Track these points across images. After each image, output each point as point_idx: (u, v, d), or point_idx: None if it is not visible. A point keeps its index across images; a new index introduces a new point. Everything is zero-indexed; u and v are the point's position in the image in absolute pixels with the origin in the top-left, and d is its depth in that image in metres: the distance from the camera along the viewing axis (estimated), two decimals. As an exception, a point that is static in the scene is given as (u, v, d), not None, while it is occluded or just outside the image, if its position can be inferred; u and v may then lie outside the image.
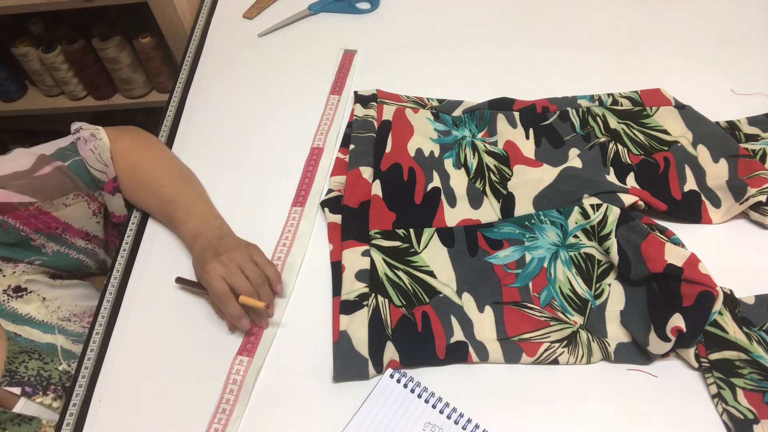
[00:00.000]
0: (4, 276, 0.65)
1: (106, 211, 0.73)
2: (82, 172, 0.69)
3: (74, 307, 0.71)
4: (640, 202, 0.69)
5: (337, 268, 0.68)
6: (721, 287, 0.59)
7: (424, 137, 0.78)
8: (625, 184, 0.71)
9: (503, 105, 0.81)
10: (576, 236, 0.68)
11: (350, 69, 0.90)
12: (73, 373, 0.64)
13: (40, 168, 0.66)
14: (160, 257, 0.72)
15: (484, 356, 0.61)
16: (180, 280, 0.67)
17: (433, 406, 0.58)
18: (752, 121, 0.78)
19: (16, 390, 0.61)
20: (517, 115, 0.80)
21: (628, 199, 0.68)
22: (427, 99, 0.85)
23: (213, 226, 0.67)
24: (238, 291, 0.61)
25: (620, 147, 0.76)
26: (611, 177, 0.72)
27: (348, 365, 0.60)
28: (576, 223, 0.68)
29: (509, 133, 0.78)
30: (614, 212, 0.66)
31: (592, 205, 0.68)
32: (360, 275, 0.65)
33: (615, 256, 0.64)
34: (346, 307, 0.63)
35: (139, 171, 0.71)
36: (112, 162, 0.71)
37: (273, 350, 0.63)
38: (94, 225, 0.72)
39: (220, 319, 0.66)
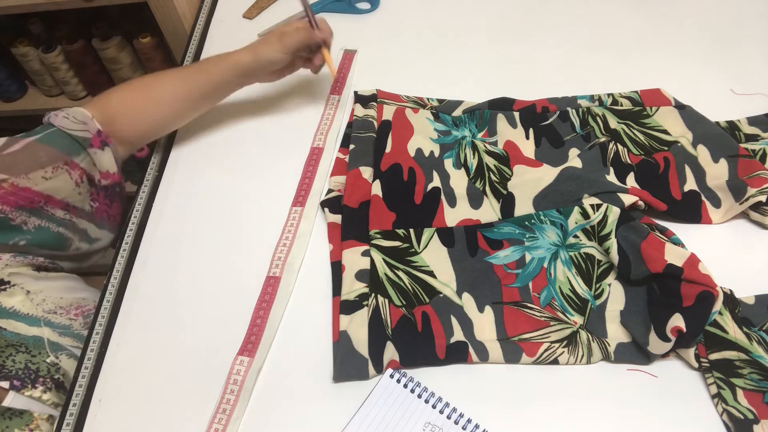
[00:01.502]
0: None
1: (90, 182, 0.72)
2: (58, 140, 0.68)
3: (60, 300, 0.70)
4: (640, 202, 0.69)
5: (337, 268, 0.68)
6: (721, 287, 0.59)
7: (424, 137, 0.78)
8: (625, 184, 0.71)
9: (503, 105, 0.81)
10: (576, 236, 0.68)
11: (350, 69, 0.90)
12: (73, 373, 0.64)
13: (8, 147, 0.65)
14: (160, 257, 0.72)
15: (484, 356, 0.61)
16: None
17: (433, 406, 0.58)
18: (752, 121, 0.78)
19: (5, 384, 0.61)
20: (517, 115, 0.80)
21: (628, 199, 0.68)
22: (427, 99, 0.85)
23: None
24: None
25: (620, 147, 0.76)
26: (611, 177, 0.72)
27: (348, 365, 0.60)
28: (576, 223, 0.68)
29: (509, 133, 0.78)
30: (614, 212, 0.66)
31: (592, 205, 0.68)
32: (360, 275, 0.65)
33: (615, 256, 0.64)
34: (346, 307, 0.63)
35: (140, 90, 0.74)
36: (101, 108, 0.71)
37: (273, 350, 0.63)
38: (76, 196, 0.70)
39: (221, 319, 0.65)
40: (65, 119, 0.69)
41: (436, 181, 0.74)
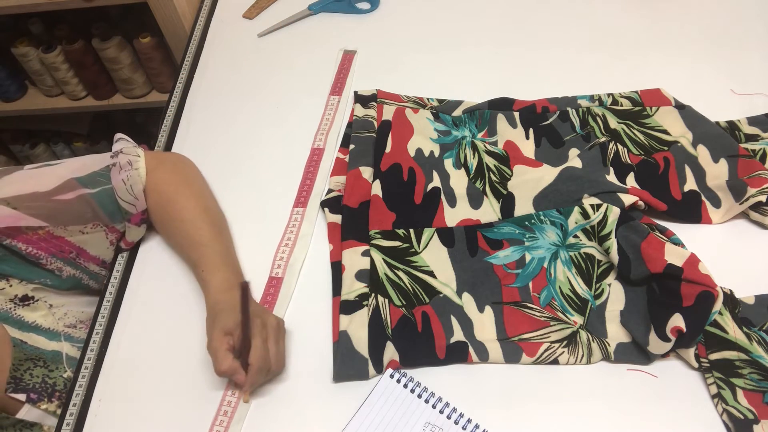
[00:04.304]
0: (11, 286, 0.64)
1: (119, 241, 0.71)
2: (108, 202, 0.66)
3: (81, 314, 0.70)
4: (640, 202, 0.69)
5: (337, 268, 0.68)
6: (721, 287, 0.59)
7: (424, 137, 0.78)
8: (625, 184, 0.71)
9: (503, 105, 0.81)
10: (576, 236, 0.68)
11: (350, 69, 0.90)
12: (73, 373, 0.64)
13: (62, 192, 0.64)
14: (160, 257, 0.72)
15: (484, 356, 0.61)
16: (245, 288, 0.60)
17: (433, 406, 0.58)
18: (752, 121, 0.78)
19: (21, 396, 0.61)
20: (517, 115, 0.80)
21: (628, 199, 0.68)
22: (427, 99, 0.85)
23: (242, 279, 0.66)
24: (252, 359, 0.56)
25: (620, 147, 0.76)
26: (611, 177, 0.72)
27: (348, 365, 0.60)
28: (576, 223, 0.68)
29: (509, 133, 0.78)
30: (614, 212, 0.66)
31: (592, 205, 0.68)
32: (360, 275, 0.65)
33: (615, 256, 0.64)
34: (346, 307, 0.63)
35: (173, 207, 0.68)
36: (145, 194, 0.68)
37: (273, 350, 0.63)
38: (110, 254, 0.70)
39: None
40: (122, 184, 0.66)
41: (436, 181, 0.74)
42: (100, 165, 0.67)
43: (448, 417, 0.57)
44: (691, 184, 0.72)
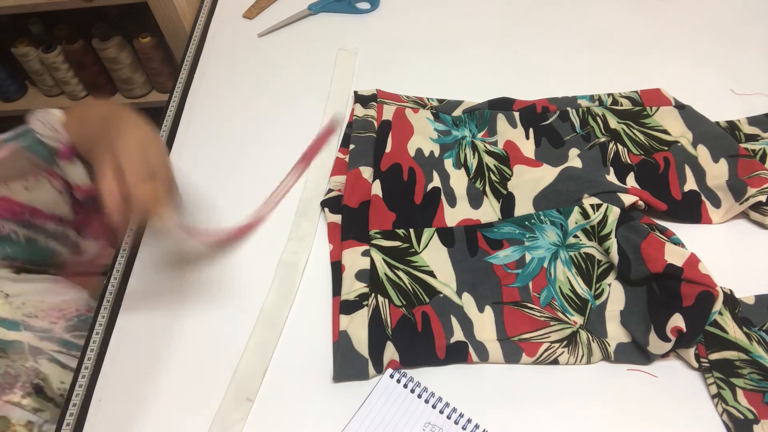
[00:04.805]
0: None
1: (69, 191, 0.70)
2: (39, 147, 0.66)
3: (41, 303, 0.68)
4: (640, 202, 0.69)
5: (337, 268, 0.68)
6: (721, 287, 0.59)
7: (424, 137, 0.78)
8: (625, 184, 0.71)
9: (503, 105, 0.81)
10: (576, 236, 0.68)
11: (350, 69, 0.90)
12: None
13: None
14: (160, 256, 0.71)
15: (484, 356, 0.61)
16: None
17: (433, 406, 0.58)
18: (752, 121, 0.78)
19: None
20: (517, 115, 0.80)
21: (628, 199, 0.68)
22: (427, 99, 0.85)
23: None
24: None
25: (620, 147, 0.76)
26: (611, 177, 0.72)
27: (348, 365, 0.60)
28: (576, 223, 0.68)
29: (509, 133, 0.78)
30: (614, 212, 0.66)
31: (592, 205, 0.68)
32: (360, 275, 0.65)
33: (615, 256, 0.64)
34: (346, 307, 0.63)
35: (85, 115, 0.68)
36: (67, 130, 0.67)
37: (274, 350, 0.63)
38: (63, 207, 0.69)
39: (224, 319, 0.65)
40: (40, 123, 0.66)
41: (436, 181, 0.74)
42: (20, 129, 0.68)
43: (448, 417, 0.57)
44: (691, 184, 0.72)
